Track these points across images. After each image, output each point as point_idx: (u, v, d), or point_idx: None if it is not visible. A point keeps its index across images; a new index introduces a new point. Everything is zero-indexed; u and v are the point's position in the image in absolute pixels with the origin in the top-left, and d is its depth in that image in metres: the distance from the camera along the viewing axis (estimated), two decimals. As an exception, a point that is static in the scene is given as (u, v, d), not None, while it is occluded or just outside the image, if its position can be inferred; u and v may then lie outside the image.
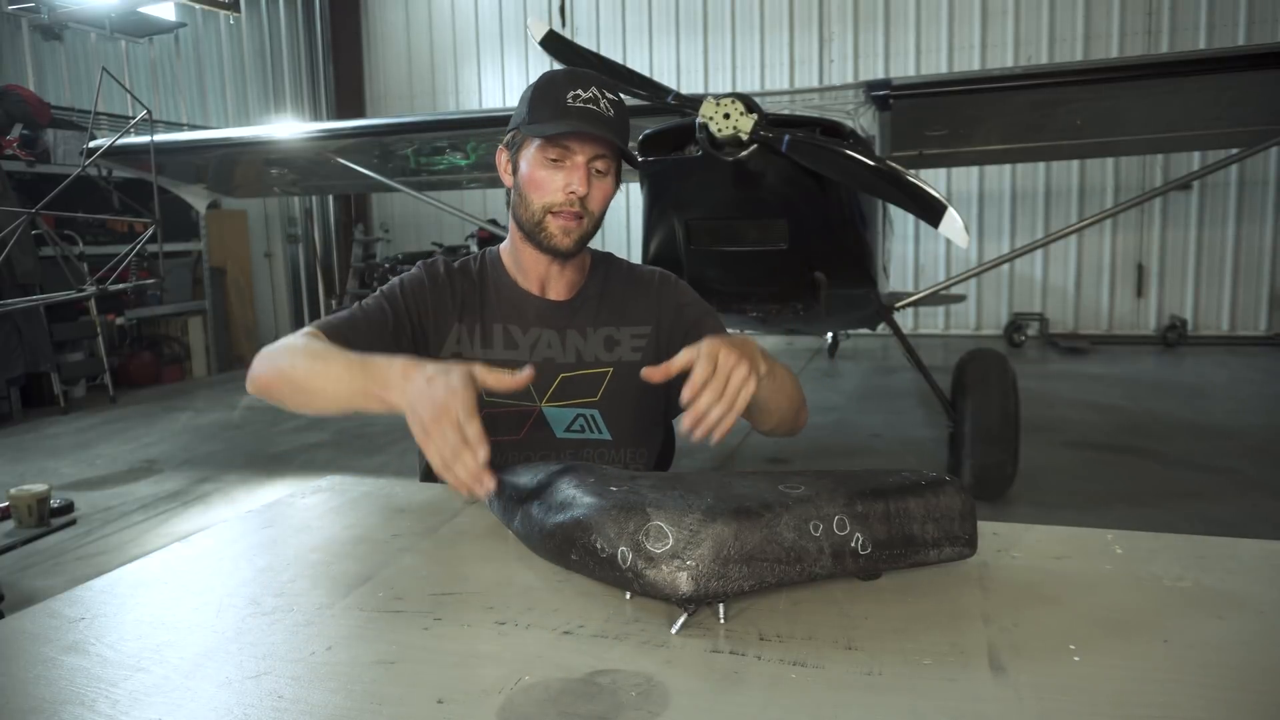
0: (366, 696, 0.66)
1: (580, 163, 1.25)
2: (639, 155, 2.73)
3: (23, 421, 5.61)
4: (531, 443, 1.31)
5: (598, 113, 1.23)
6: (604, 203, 1.30)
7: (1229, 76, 3.29)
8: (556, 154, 1.25)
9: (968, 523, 0.86)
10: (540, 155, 1.26)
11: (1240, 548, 0.92)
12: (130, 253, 3.49)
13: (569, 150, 1.25)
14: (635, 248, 8.48)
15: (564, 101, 1.23)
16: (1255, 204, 7.40)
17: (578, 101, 1.23)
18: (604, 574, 0.79)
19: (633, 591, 0.78)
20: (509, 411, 1.31)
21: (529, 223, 1.29)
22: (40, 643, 0.76)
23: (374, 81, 9.82)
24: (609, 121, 1.24)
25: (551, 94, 1.25)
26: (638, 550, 0.75)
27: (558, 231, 1.27)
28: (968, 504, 0.86)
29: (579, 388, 1.33)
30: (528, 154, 1.28)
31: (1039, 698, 0.64)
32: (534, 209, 1.27)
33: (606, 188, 1.30)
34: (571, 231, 1.27)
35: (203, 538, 1.06)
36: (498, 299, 1.37)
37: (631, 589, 0.77)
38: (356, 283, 8.49)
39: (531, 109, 1.27)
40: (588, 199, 1.26)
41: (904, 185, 2.35)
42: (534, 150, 1.27)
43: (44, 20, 6.61)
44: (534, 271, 1.36)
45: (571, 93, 1.23)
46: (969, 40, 7.87)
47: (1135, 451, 4.29)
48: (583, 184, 1.24)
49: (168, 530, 3.49)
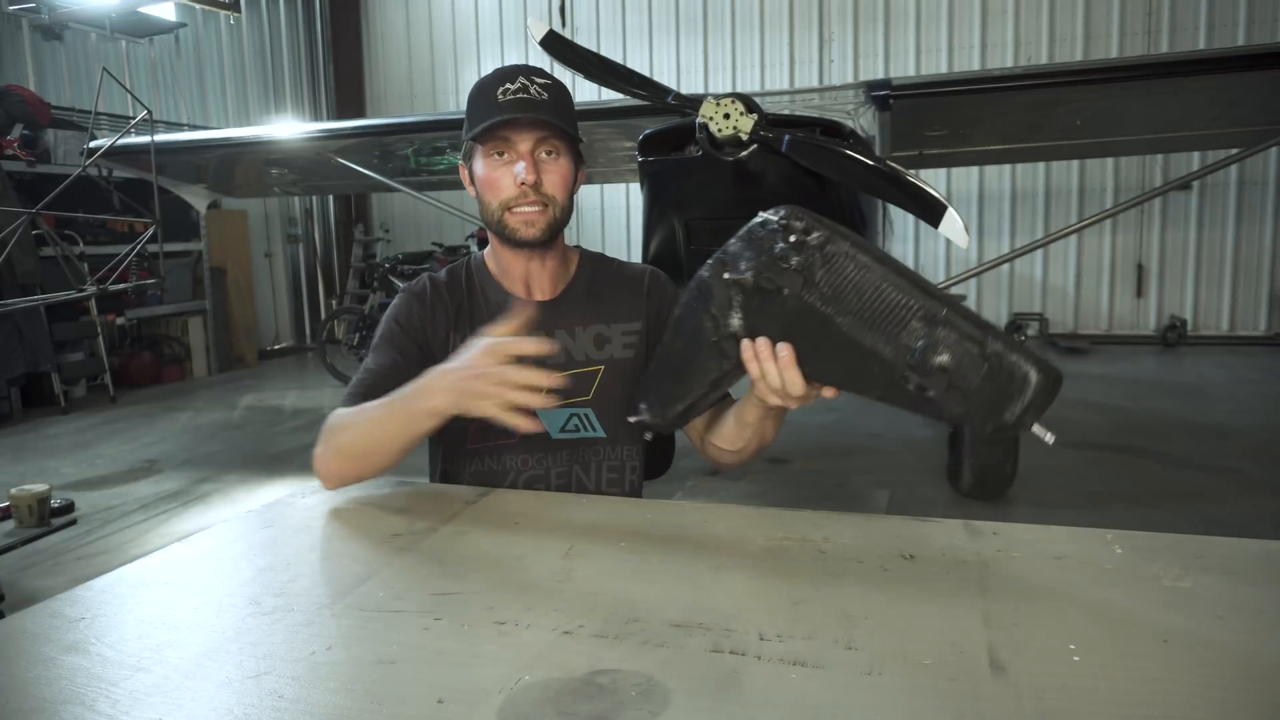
0: (366, 696, 0.66)
1: (524, 150, 1.25)
2: (639, 155, 2.73)
3: (23, 421, 5.61)
4: (527, 444, 1.32)
5: (529, 99, 1.24)
6: (563, 185, 1.29)
7: (1229, 76, 3.29)
8: (499, 148, 1.26)
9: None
10: (486, 155, 1.28)
11: (1240, 548, 0.92)
12: (130, 253, 3.49)
13: (509, 142, 1.26)
14: (635, 248, 8.43)
15: (494, 99, 1.24)
16: (1255, 204, 7.39)
17: (507, 95, 1.24)
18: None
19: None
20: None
21: (493, 224, 1.30)
22: (40, 643, 0.76)
23: (374, 81, 9.81)
24: (542, 104, 1.24)
25: (483, 96, 1.26)
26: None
27: (520, 225, 1.28)
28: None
29: (572, 387, 1.33)
30: (477, 159, 1.30)
31: (1039, 698, 0.64)
32: (492, 209, 1.29)
33: (562, 169, 1.29)
34: (535, 222, 1.27)
35: (203, 538, 1.06)
36: (485, 304, 1.37)
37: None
38: (356, 283, 8.48)
39: (469, 117, 1.29)
40: (542, 185, 1.26)
41: (904, 185, 2.35)
42: (480, 153, 1.29)
43: (44, 20, 6.60)
44: (516, 272, 1.37)
45: (500, 89, 1.25)
46: (969, 40, 7.87)
47: (1135, 451, 4.29)
48: (529, 171, 1.24)
49: (168, 530, 3.49)
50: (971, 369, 0.82)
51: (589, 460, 1.34)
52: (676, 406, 1.10)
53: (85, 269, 5.42)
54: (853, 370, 0.90)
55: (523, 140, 1.25)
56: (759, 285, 0.95)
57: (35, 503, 3.39)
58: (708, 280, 1.01)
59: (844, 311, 0.88)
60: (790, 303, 0.93)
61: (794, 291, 0.92)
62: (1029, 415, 0.81)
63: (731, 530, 1.03)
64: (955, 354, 0.82)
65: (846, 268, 0.89)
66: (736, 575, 0.89)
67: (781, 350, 0.97)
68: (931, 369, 0.83)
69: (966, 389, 0.82)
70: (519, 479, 1.32)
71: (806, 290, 0.91)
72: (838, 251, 0.89)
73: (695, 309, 1.03)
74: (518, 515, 1.10)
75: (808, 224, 0.92)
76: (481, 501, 1.16)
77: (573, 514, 1.11)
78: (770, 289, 0.94)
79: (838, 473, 4.06)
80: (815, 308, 0.91)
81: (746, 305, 0.96)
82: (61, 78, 6.92)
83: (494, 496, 1.19)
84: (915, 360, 0.84)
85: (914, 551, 0.93)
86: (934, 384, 0.83)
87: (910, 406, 0.87)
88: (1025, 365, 0.80)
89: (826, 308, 0.89)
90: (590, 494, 1.32)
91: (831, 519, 1.04)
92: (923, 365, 0.83)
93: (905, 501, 3.65)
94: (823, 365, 0.94)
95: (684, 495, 3.75)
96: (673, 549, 0.97)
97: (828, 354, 0.92)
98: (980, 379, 0.81)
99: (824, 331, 0.90)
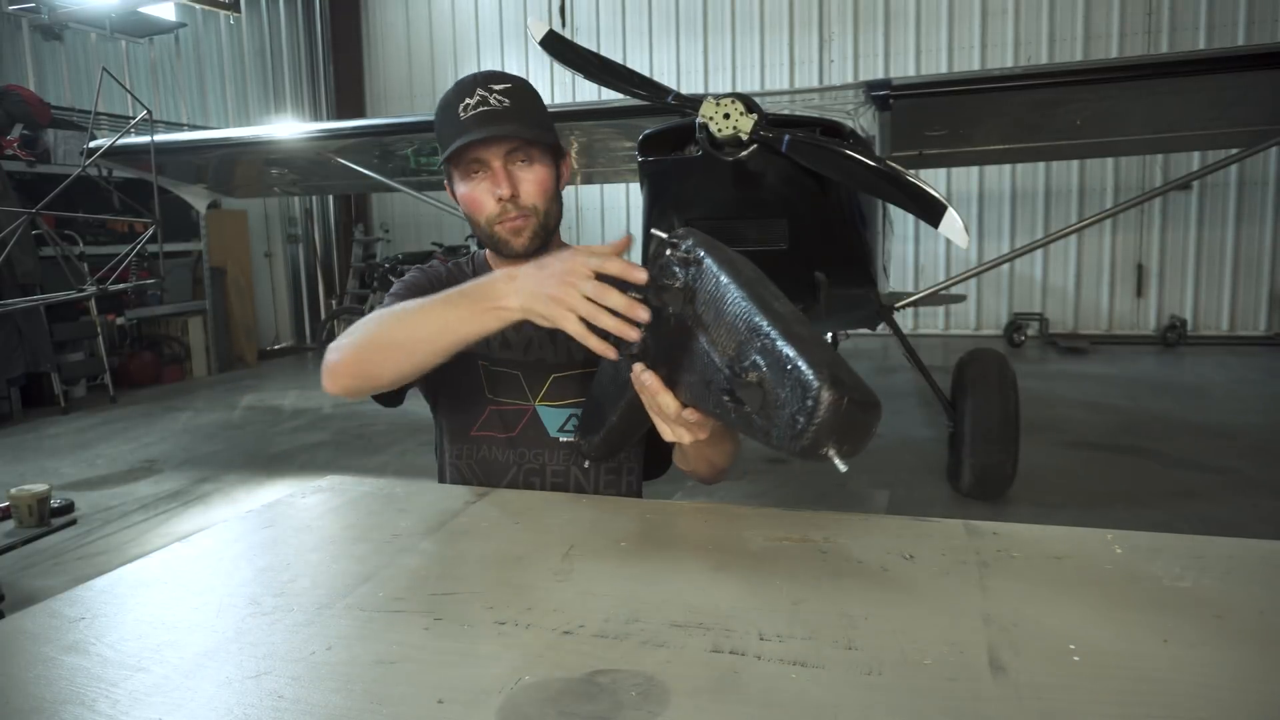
0: (366, 696, 0.66)
1: (497, 166, 1.24)
2: (639, 155, 2.73)
3: (23, 421, 5.61)
4: (524, 440, 1.32)
5: (489, 110, 1.22)
6: (541, 191, 1.27)
7: (1229, 76, 3.29)
8: (473, 168, 1.25)
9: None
10: (461, 175, 1.27)
11: (1240, 548, 0.92)
12: (130, 253, 3.49)
13: (479, 160, 1.24)
14: (635, 248, 8.39)
15: (457, 117, 1.23)
16: (1255, 204, 7.40)
17: (468, 111, 1.22)
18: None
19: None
20: (505, 409, 1.33)
21: (485, 239, 1.30)
22: (40, 643, 0.76)
23: (374, 81, 9.81)
24: (504, 113, 1.23)
25: (447, 116, 1.25)
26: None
27: (509, 236, 1.27)
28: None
29: (572, 388, 1.33)
30: (456, 180, 1.29)
31: (1039, 698, 0.64)
32: (481, 225, 1.28)
33: (537, 176, 1.27)
34: (521, 231, 1.26)
35: (203, 538, 1.06)
36: None
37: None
38: (356, 283, 8.49)
39: (440, 138, 1.28)
40: (520, 196, 1.25)
41: (904, 185, 2.35)
42: (456, 174, 1.28)
43: (44, 20, 6.61)
44: None
45: (460, 105, 1.23)
46: (969, 40, 7.87)
47: (1135, 451, 4.29)
48: (505, 186, 1.23)
49: (168, 530, 3.49)
50: (779, 387, 0.79)
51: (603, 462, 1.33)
52: (600, 432, 1.09)
53: (85, 269, 5.42)
54: (703, 388, 0.90)
55: (492, 156, 1.24)
56: (651, 304, 0.94)
57: (35, 503, 3.39)
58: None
59: (703, 328, 0.88)
60: (674, 322, 0.92)
61: (677, 310, 0.91)
62: (822, 436, 0.76)
63: (731, 530, 1.03)
64: (770, 371, 0.80)
65: (709, 284, 0.88)
66: (736, 575, 0.89)
67: (645, 375, 0.95)
68: (749, 382, 0.82)
69: (777, 408, 0.79)
70: (519, 473, 1.32)
71: (687, 308, 0.90)
72: (706, 270, 0.89)
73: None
74: (518, 515, 1.10)
75: (692, 242, 0.92)
76: (481, 501, 1.16)
77: (573, 514, 1.11)
78: (657, 306, 0.93)
79: (837, 473, 4.05)
80: (689, 326, 0.90)
81: (650, 326, 0.95)
82: (61, 78, 6.92)
83: (494, 496, 1.19)
84: (737, 370, 0.83)
85: (914, 551, 0.93)
86: (749, 398, 0.82)
87: (740, 425, 0.86)
88: (818, 383, 0.76)
89: (696, 327, 0.89)
90: (589, 494, 1.32)
91: (831, 519, 1.04)
92: (741, 376, 0.83)
93: (905, 501, 3.65)
94: (693, 388, 0.92)
95: (684, 495, 3.74)
96: (673, 549, 0.97)
97: (694, 375, 0.92)
98: (784, 398, 0.78)
99: (695, 351, 0.90)
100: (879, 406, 0.80)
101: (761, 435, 0.83)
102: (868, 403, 0.79)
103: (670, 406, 0.95)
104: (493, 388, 1.33)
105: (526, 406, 1.33)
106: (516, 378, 1.34)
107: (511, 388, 1.33)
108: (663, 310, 0.93)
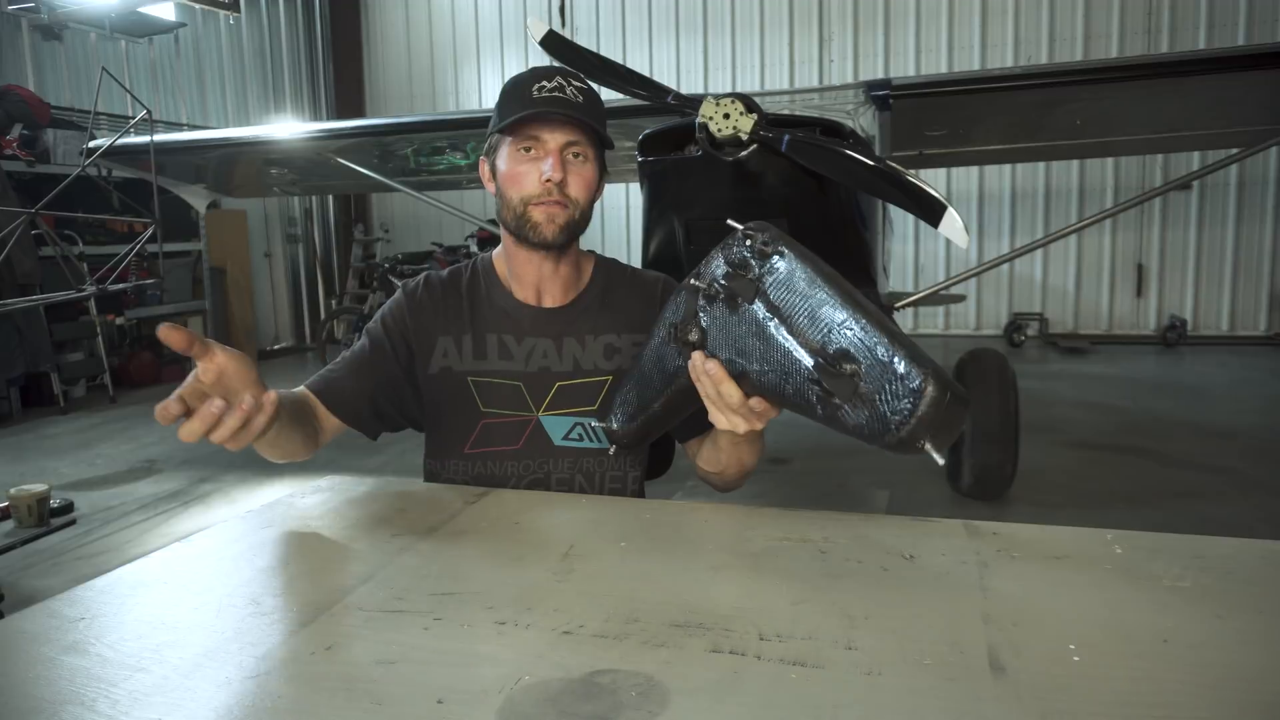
0: (366, 696, 0.66)
1: (553, 149, 1.24)
2: (639, 155, 2.73)
3: (23, 421, 5.61)
4: (530, 451, 1.31)
5: (564, 98, 1.23)
6: (587, 190, 1.28)
7: (1229, 76, 3.28)
8: (528, 144, 1.25)
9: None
10: (513, 150, 1.26)
11: (1240, 548, 0.92)
12: (130, 253, 3.49)
13: (539, 139, 1.24)
14: (635, 248, 8.40)
15: (529, 94, 1.23)
16: (1255, 204, 7.39)
17: (543, 92, 1.23)
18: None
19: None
20: (508, 421, 1.31)
21: (512, 220, 1.28)
22: (40, 643, 0.76)
23: (374, 81, 9.81)
24: (577, 106, 1.24)
25: (517, 91, 1.25)
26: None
27: (542, 219, 1.25)
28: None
29: (577, 396, 1.32)
30: (502, 153, 1.28)
31: (1039, 698, 0.64)
32: (514, 204, 1.27)
33: (587, 174, 1.28)
34: (556, 217, 1.25)
35: (203, 538, 1.06)
36: (490, 309, 1.35)
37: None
38: (356, 283, 8.49)
39: (500, 110, 1.27)
40: (567, 185, 1.25)
41: (904, 185, 2.35)
42: (506, 147, 1.27)
43: (44, 20, 6.60)
44: (528, 277, 1.34)
45: (536, 85, 1.24)
46: (969, 40, 7.87)
47: (1135, 451, 4.29)
48: (556, 169, 1.23)
49: (168, 530, 3.49)
50: (876, 380, 0.81)
51: (592, 470, 1.32)
52: (638, 419, 1.09)
53: (85, 269, 5.42)
54: (779, 377, 0.91)
55: (553, 138, 1.24)
56: (717, 293, 0.96)
57: (35, 503, 3.39)
58: (680, 289, 1.03)
59: (782, 319, 0.90)
60: (744, 315, 0.94)
61: (747, 301, 0.93)
62: (920, 430, 0.79)
63: (731, 530, 1.03)
64: (864, 363, 0.82)
65: (791, 277, 0.90)
66: (736, 575, 0.89)
67: (709, 364, 0.97)
68: (841, 372, 0.83)
69: (872, 400, 0.81)
70: (520, 484, 1.31)
71: (759, 299, 0.92)
72: (788, 265, 0.91)
73: (663, 319, 1.04)
74: (518, 515, 1.10)
75: (770, 235, 0.94)
76: (481, 501, 1.16)
77: (573, 514, 1.11)
78: (726, 297, 0.95)
79: (838, 473, 4.06)
80: (761, 320, 0.92)
81: (709, 314, 0.97)
82: (61, 78, 6.91)
83: (494, 496, 1.19)
84: (827, 361, 0.85)
85: (914, 551, 0.93)
86: (840, 389, 0.84)
87: (824, 416, 0.87)
88: (921, 379, 0.78)
89: (770, 318, 0.91)
90: (590, 494, 1.32)
91: (831, 519, 1.04)
92: (833, 367, 0.84)
93: (905, 501, 3.64)
94: (761, 379, 0.94)
95: (684, 495, 3.74)
96: (673, 549, 0.97)
97: (764, 367, 0.93)
98: (883, 391, 0.80)
99: (768, 344, 0.91)
100: (969, 403, 0.83)
101: (850, 426, 0.84)
102: (963, 399, 0.81)
103: (734, 395, 0.96)
104: (487, 401, 1.31)
105: (529, 417, 1.31)
106: (517, 388, 1.31)
107: (510, 399, 1.31)
108: (731, 300, 0.94)
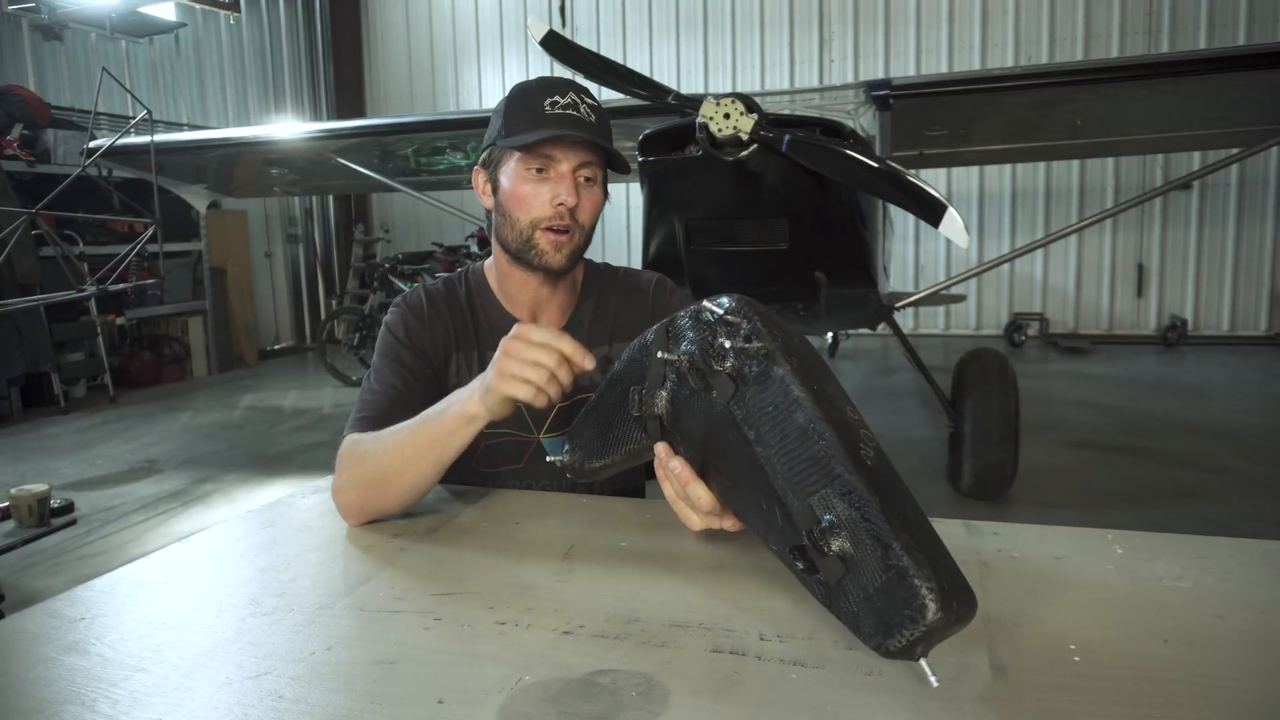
0: (366, 696, 0.66)
1: (565, 172, 1.18)
2: (639, 155, 2.73)
3: (23, 421, 5.61)
4: (532, 471, 1.31)
5: (578, 118, 1.17)
6: (594, 215, 1.24)
7: (1229, 76, 3.29)
8: (539, 164, 1.19)
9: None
10: (521, 168, 1.20)
11: (1240, 548, 0.92)
12: (130, 253, 3.49)
13: (552, 160, 1.19)
14: (635, 248, 8.39)
15: (541, 110, 1.17)
16: (1255, 204, 7.39)
17: (556, 108, 1.17)
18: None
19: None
20: (509, 441, 1.30)
21: (516, 242, 1.23)
22: (40, 643, 0.76)
23: (374, 81, 9.81)
24: (591, 126, 1.19)
25: (527, 104, 1.18)
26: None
27: (549, 248, 1.21)
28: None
29: (572, 417, 1.31)
30: (508, 169, 1.22)
31: (1039, 698, 0.64)
32: (520, 226, 1.21)
33: (596, 198, 1.24)
34: (563, 247, 1.21)
35: (203, 538, 1.06)
36: (489, 328, 1.31)
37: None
38: (356, 283, 8.48)
39: (507, 121, 1.20)
40: (577, 210, 1.20)
41: (904, 185, 2.35)
42: (514, 164, 1.21)
43: (44, 20, 6.60)
44: (523, 297, 1.31)
45: (548, 100, 1.17)
46: (969, 40, 7.87)
47: (1135, 451, 4.29)
48: (570, 194, 1.18)
49: (168, 530, 3.49)
50: (870, 573, 0.67)
51: (593, 484, 1.31)
52: (595, 462, 0.98)
53: (85, 269, 5.42)
54: (758, 510, 0.78)
55: (566, 160, 1.19)
56: (688, 376, 0.83)
57: (35, 503, 3.38)
58: (649, 347, 0.89)
59: (762, 443, 0.75)
60: (716, 408, 0.79)
61: (722, 398, 0.78)
62: (918, 647, 0.65)
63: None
64: (858, 548, 0.68)
65: (777, 396, 0.75)
66: (736, 575, 0.89)
67: (674, 463, 0.85)
68: (829, 552, 0.69)
69: (862, 592, 0.67)
70: None
71: (735, 403, 0.77)
72: (773, 374, 0.75)
73: (627, 373, 0.93)
74: (518, 515, 1.10)
75: (753, 327, 0.78)
76: (481, 501, 1.16)
77: (573, 514, 1.11)
78: (697, 386, 0.81)
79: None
80: (738, 424, 0.77)
81: (676, 391, 0.85)
82: (61, 78, 6.92)
83: (494, 496, 1.19)
84: (816, 534, 0.69)
85: (914, 551, 0.93)
86: (827, 570, 0.69)
87: (804, 582, 0.73)
88: (924, 593, 0.64)
89: (749, 430, 0.76)
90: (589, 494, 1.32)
91: (831, 519, 1.04)
92: (821, 544, 0.69)
93: (905, 501, 3.64)
94: (731, 490, 0.82)
95: (684, 495, 3.74)
96: (673, 549, 0.97)
97: (737, 479, 0.80)
98: (876, 588, 0.66)
99: (740, 454, 0.78)
100: (976, 607, 0.68)
101: (832, 609, 0.71)
102: (968, 608, 0.67)
103: (704, 498, 0.85)
104: (491, 422, 1.31)
105: (531, 439, 1.31)
106: (518, 410, 1.29)
107: (512, 420, 1.27)
108: (704, 388, 0.80)
